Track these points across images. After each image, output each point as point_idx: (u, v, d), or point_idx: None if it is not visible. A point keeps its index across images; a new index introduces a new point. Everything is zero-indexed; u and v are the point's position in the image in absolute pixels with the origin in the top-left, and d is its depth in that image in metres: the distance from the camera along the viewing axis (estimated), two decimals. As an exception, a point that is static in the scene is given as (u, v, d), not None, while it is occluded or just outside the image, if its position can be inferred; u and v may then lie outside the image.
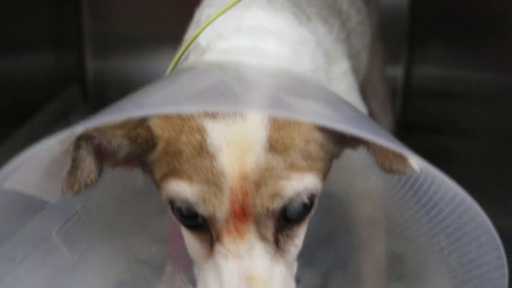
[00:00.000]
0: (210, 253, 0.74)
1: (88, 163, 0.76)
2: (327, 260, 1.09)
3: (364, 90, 1.10)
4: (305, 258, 1.05)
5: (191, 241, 0.78)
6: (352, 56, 1.15)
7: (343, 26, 1.13)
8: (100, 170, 0.79)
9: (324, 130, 0.74)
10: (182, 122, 0.72)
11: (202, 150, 0.70)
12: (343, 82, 1.02)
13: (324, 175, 0.76)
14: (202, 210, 0.72)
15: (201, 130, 0.71)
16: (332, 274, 1.11)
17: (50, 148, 0.71)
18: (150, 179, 0.79)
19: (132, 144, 0.76)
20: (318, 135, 0.73)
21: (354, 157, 0.88)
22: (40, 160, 0.72)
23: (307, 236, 0.80)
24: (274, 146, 0.70)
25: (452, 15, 1.61)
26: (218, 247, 0.73)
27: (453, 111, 1.59)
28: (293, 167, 0.71)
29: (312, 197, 0.74)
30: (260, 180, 0.70)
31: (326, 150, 0.75)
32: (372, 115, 1.11)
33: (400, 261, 1.02)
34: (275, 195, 0.70)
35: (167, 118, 0.74)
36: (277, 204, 0.71)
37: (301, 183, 0.71)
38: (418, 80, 1.92)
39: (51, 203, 0.79)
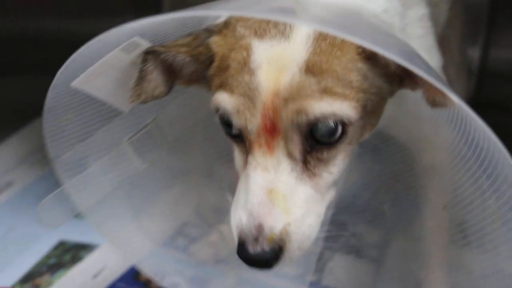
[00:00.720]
0: (245, 165, 0.79)
1: (155, 76, 0.84)
2: (389, 216, 1.09)
3: (441, 50, 1.08)
4: (367, 213, 1.08)
5: (235, 152, 0.84)
6: (432, 5, 1.13)
7: None
8: (169, 86, 0.87)
9: (370, 61, 0.75)
10: (235, 40, 0.78)
11: (246, 66, 0.75)
12: (419, 27, 1.01)
13: (367, 108, 0.77)
14: (236, 121, 0.77)
15: (247, 48, 0.76)
16: (393, 234, 1.13)
17: (117, 56, 0.78)
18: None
19: (194, 61, 0.83)
20: (362, 65, 0.75)
21: (423, 104, 0.90)
22: (109, 68, 0.80)
23: (367, 185, 0.83)
24: (311, 68, 0.73)
25: None
26: (250, 159, 0.78)
27: None
28: (326, 91, 0.73)
29: (343, 125, 0.75)
30: (291, 97, 0.73)
31: (371, 82, 0.77)
32: (447, 78, 1.09)
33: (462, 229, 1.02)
34: (300, 111, 0.73)
35: (224, 36, 0.80)
36: (301, 119, 0.74)
37: (330, 107, 0.73)
38: (495, 62, 1.90)
39: (124, 112, 0.88)
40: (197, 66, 0.84)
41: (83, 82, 0.79)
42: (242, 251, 0.75)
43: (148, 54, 0.83)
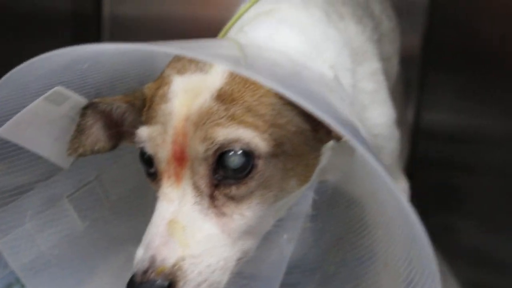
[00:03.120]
0: None
1: (95, 131, 0.85)
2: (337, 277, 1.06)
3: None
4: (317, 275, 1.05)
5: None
6: (384, 60, 1.15)
7: (376, 28, 1.14)
8: (113, 142, 0.87)
9: (283, 98, 0.74)
10: (161, 80, 0.79)
11: (165, 97, 0.76)
12: (371, 82, 1.02)
13: (284, 146, 0.75)
14: (148, 148, 0.76)
15: (169, 83, 0.77)
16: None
17: (44, 107, 0.78)
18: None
19: (131, 107, 0.84)
20: (276, 101, 0.75)
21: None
22: (38, 119, 0.79)
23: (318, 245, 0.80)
24: (222, 95, 0.73)
25: (461, 65, 1.65)
26: (159, 192, 0.76)
27: (462, 151, 1.62)
28: (234, 118, 0.73)
29: (252, 156, 0.73)
30: (199, 122, 0.72)
31: (288, 120, 0.75)
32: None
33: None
34: (205, 138, 0.72)
35: (155, 81, 0.81)
36: (205, 147, 0.72)
37: (234, 132, 0.72)
38: (427, 123, 1.98)
39: (64, 168, 0.86)
40: (135, 115, 0.84)
41: (10, 132, 0.78)
42: (129, 284, 0.71)
43: (87, 108, 0.84)
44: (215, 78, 0.75)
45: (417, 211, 1.69)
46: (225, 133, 0.72)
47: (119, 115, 0.86)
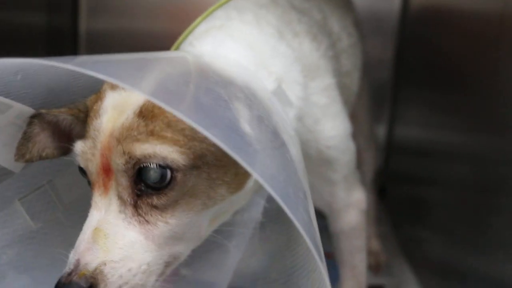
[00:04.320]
0: None
1: (42, 139, 0.90)
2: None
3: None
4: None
5: None
6: (343, 75, 1.19)
7: (333, 45, 1.18)
8: (62, 149, 0.92)
9: None
10: (100, 94, 0.84)
11: (97, 112, 0.81)
12: (324, 97, 1.06)
13: (206, 158, 0.79)
14: (81, 162, 0.82)
15: (103, 98, 0.82)
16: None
17: None
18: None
19: (76, 119, 0.89)
20: None
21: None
22: None
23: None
24: (144, 112, 0.78)
25: (430, 82, 1.70)
26: (92, 201, 0.81)
27: (431, 166, 1.66)
28: (153, 134, 0.77)
29: (171, 170, 0.77)
30: (121, 137, 0.77)
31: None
32: (357, 148, 1.15)
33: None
34: (124, 153, 0.77)
35: (97, 93, 0.86)
36: (126, 161, 0.77)
37: (152, 148, 0.76)
38: (400, 138, 2.05)
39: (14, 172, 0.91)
40: (81, 126, 0.89)
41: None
42: (56, 286, 0.76)
43: (34, 118, 0.89)
44: (139, 95, 0.79)
45: (390, 224, 1.75)
46: (143, 148, 0.77)
47: (66, 126, 0.91)
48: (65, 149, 0.92)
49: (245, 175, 0.84)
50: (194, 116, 0.63)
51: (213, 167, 0.80)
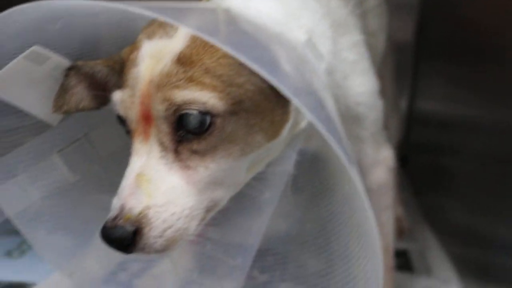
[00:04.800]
0: None
1: (79, 91, 0.92)
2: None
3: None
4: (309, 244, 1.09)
5: None
6: (369, 34, 1.19)
7: (360, 4, 1.18)
8: (98, 101, 0.93)
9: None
10: (135, 44, 0.85)
11: (135, 61, 0.82)
12: (352, 53, 1.06)
13: (243, 104, 0.80)
14: (120, 110, 0.83)
15: (139, 47, 0.83)
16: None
17: (25, 66, 0.84)
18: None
19: (112, 70, 0.90)
20: (234, 62, 0.79)
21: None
22: (20, 77, 0.85)
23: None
24: (182, 59, 0.79)
25: (453, 54, 1.69)
26: (132, 148, 0.82)
27: (452, 137, 1.67)
28: (192, 80, 0.78)
29: (210, 115, 0.78)
30: (160, 85, 0.78)
31: (246, 79, 0.80)
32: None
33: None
34: (165, 100, 0.78)
35: (132, 44, 0.86)
36: (165, 108, 0.78)
37: (191, 94, 0.77)
38: (421, 112, 2.04)
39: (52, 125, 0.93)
40: (117, 78, 0.90)
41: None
42: (102, 229, 0.78)
43: (70, 69, 0.91)
44: (177, 42, 0.80)
45: (411, 191, 1.74)
46: (182, 94, 0.78)
47: (102, 78, 0.92)
48: (101, 101, 0.93)
49: (281, 122, 0.85)
50: (240, 51, 0.63)
51: (251, 113, 0.81)
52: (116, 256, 1.30)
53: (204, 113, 0.78)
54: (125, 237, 0.77)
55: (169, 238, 0.79)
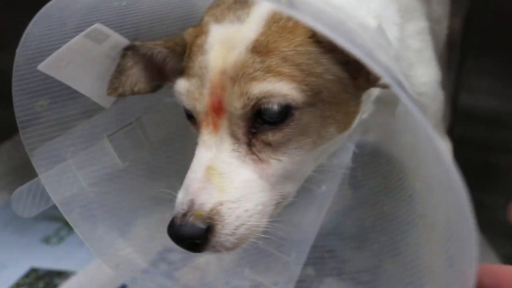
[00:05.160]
0: None
1: (135, 72, 0.87)
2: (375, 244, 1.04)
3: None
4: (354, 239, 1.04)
5: None
6: (433, 21, 1.13)
7: None
8: (154, 84, 0.89)
9: (322, 45, 0.74)
10: (200, 28, 0.80)
11: (202, 48, 0.77)
12: (418, 41, 1.01)
13: (322, 95, 0.75)
14: (186, 101, 0.78)
15: (206, 32, 0.78)
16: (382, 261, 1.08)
17: (84, 44, 0.80)
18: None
19: (172, 53, 0.85)
20: (313, 49, 0.75)
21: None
22: (78, 56, 0.82)
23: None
24: (257, 47, 0.74)
25: (500, 48, 1.67)
26: (198, 139, 0.78)
27: (499, 133, 1.65)
28: (270, 70, 0.73)
29: (288, 107, 0.74)
30: (235, 76, 0.73)
31: (326, 68, 0.75)
32: None
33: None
34: (242, 94, 0.73)
35: (195, 27, 0.82)
36: (242, 103, 0.73)
37: (271, 86, 0.72)
38: (465, 106, 1.95)
39: (105, 108, 0.89)
40: (176, 60, 0.85)
41: (51, 68, 0.80)
42: (170, 226, 0.74)
43: (128, 50, 0.86)
44: (250, 28, 0.75)
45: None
46: (262, 87, 0.73)
47: (160, 60, 0.87)
48: (157, 85, 0.89)
49: (354, 114, 0.81)
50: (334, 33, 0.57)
51: (327, 105, 0.76)
52: (156, 245, 1.30)
53: (283, 106, 0.73)
54: (197, 235, 0.73)
55: (240, 236, 0.75)
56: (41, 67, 0.79)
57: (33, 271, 1.34)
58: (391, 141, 0.96)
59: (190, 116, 0.81)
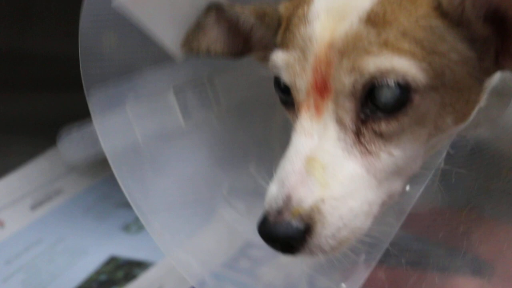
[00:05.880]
0: None
1: (216, 33, 0.81)
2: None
3: None
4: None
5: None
6: None
7: None
8: (232, 49, 0.83)
9: (448, 19, 0.64)
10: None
11: (304, 18, 0.68)
12: None
13: (444, 78, 0.65)
14: (285, 76, 0.69)
15: (309, 2, 0.69)
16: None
17: None
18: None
19: (260, 23, 0.79)
20: (437, 23, 0.64)
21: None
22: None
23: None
24: (373, 18, 0.64)
25: None
26: (296, 125, 0.68)
27: None
28: (387, 45, 0.63)
29: (407, 89, 0.63)
30: (345, 50, 0.64)
31: (451, 46, 0.65)
32: None
33: None
34: (353, 69, 0.63)
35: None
36: (353, 80, 0.63)
37: (389, 62, 0.62)
38: None
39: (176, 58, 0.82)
40: (264, 31, 0.79)
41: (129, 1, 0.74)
42: (262, 224, 0.65)
43: (212, 8, 0.80)
44: None
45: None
46: (377, 62, 0.63)
47: (246, 28, 0.80)
48: (235, 52, 0.82)
49: (474, 104, 0.70)
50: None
51: (449, 91, 0.66)
52: (237, 240, 1.22)
53: (402, 87, 0.63)
54: (294, 237, 0.63)
55: (341, 239, 0.65)
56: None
57: (112, 259, 1.32)
58: (502, 137, 0.83)
59: (285, 102, 0.73)
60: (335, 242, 0.65)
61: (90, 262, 1.31)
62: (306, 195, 0.63)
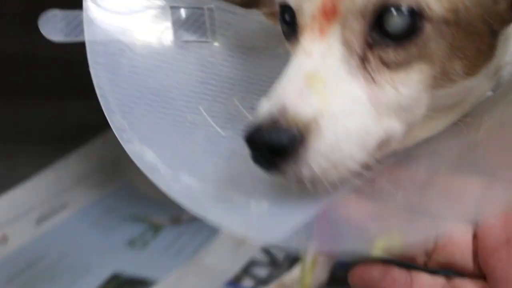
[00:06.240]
0: None
1: None
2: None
3: None
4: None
5: None
6: None
7: None
8: None
9: None
10: None
11: None
12: None
13: (458, 14, 0.63)
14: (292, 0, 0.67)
15: None
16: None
17: None
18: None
19: None
20: None
21: None
22: None
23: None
24: None
25: None
26: (296, 49, 0.65)
27: None
28: None
29: (419, 16, 0.61)
30: None
31: None
32: None
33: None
34: None
35: None
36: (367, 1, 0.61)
37: None
38: None
39: None
40: None
41: None
42: (251, 131, 0.60)
43: None
44: None
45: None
46: None
47: None
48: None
49: (485, 57, 0.68)
50: None
51: (460, 31, 0.63)
52: (241, 257, 1.24)
53: (414, 13, 0.61)
54: (286, 143, 0.58)
55: (333, 162, 0.60)
56: None
57: (115, 277, 1.32)
58: None
59: (289, 34, 0.71)
60: (327, 164, 0.59)
61: (92, 280, 1.30)
62: (305, 107, 0.59)
